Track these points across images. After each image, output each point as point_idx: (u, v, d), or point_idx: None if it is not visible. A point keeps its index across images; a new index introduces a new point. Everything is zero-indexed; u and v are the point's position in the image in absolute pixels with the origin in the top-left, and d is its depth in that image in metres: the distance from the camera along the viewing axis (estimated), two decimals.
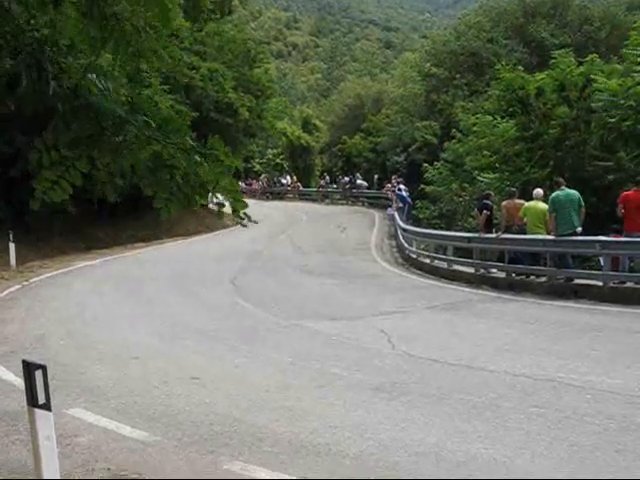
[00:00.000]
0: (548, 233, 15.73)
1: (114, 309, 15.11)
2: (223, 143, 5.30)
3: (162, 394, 8.24)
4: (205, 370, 9.38)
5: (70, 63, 4.92)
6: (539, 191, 16.71)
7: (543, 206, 16.18)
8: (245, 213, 5.58)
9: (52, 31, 4.67)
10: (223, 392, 8.24)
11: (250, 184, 62.66)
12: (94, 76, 4.85)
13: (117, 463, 6.14)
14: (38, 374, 4.68)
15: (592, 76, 22.20)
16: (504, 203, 17.65)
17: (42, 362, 4.76)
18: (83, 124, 4.99)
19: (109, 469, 6.01)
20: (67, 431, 6.83)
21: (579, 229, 15.04)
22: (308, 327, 12.32)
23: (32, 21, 4.72)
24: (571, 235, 14.98)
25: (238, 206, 5.35)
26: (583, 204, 15.20)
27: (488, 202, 18.56)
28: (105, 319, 13.93)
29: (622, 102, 20.70)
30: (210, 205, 41.68)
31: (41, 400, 4.72)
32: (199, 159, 5.13)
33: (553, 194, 15.37)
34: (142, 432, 6.90)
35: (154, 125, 5.02)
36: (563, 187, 15.33)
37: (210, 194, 5.61)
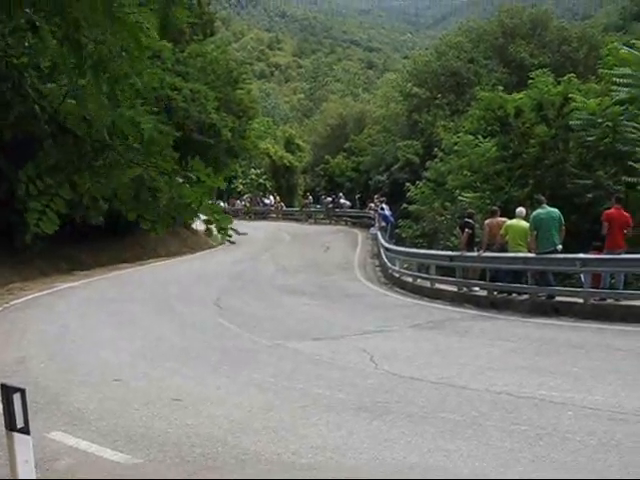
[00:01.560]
0: (529, 251, 15.82)
1: (96, 331, 15.01)
2: (204, 164, 5.31)
3: (144, 416, 8.20)
4: (187, 391, 9.34)
5: (50, 88, 4.93)
6: (522, 209, 16.82)
7: (525, 224, 16.28)
8: (232, 228, 5.59)
9: (32, 57, 4.68)
10: (205, 413, 8.21)
11: (233, 204, 62.62)
12: (73, 101, 4.85)
13: None
14: (16, 397, 4.65)
15: (570, 95, 22.41)
16: (486, 221, 17.74)
17: (22, 385, 4.73)
18: (63, 149, 4.99)
19: None
20: (47, 455, 6.78)
21: (559, 247, 15.14)
22: (291, 347, 12.31)
23: (8, 50, 4.73)
24: (552, 253, 15.07)
25: (223, 224, 5.35)
26: (564, 222, 15.32)
27: (470, 221, 18.68)
28: (87, 341, 13.83)
29: (600, 121, 20.91)
30: (194, 226, 41.75)
31: (19, 424, 4.68)
32: (181, 181, 5.14)
33: (534, 212, 15.48)
34: (123, 455, 6.86)
35: (135, 147, 5.03)
36: (544, 205, 15.43)
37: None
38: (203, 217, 5.86)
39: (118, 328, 15.32)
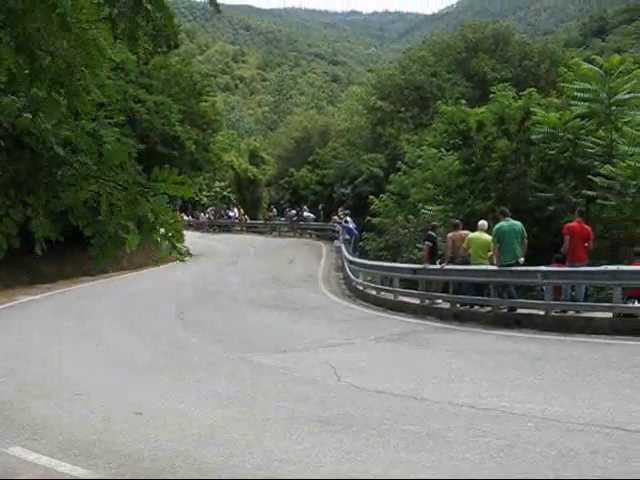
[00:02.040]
0: (491, 263, 15.97)
1: (57, 345, 14.83)
2: (173, 172, 5.23)
3: (104, 430, 8.12)
4: (149, 405, 9.27)
5: (6, 102, 4.87)
6: (484, 222, 16.98)
7: (487, 237, 16.45)
8: (183, 247, 5.57)
9: None
10: (167, 427, 8.14)
11: (197, 217, 62.42)
12: (29, 115, 4.80)
13: None
14: None
15: (532, 109, 22.69)
16: (449, 234, 17.87)
17: None
18: (18, 165, 4.93)
19: None
20: (6, 470, 6.70)
21: (521, 259, 15.29)
22: (254, 360, 12.28)
23: None
24: (514, 265, 15.21)
25: (176, 240, 5.32)
26: (526, 235, 15.48)
27: (432, 233, 18.82)
28: (47, 355, 13.66)
29: (561, 135, 21.20)
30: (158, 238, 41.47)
31: None
32: (139, 197, 5.07)
33: (497, 225, 15.62)
34: (83, 470, 6.78)
35: (92, 162, 4.97)
36: (508, 218, 15.58)
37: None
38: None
39: (80, 342, 15.17)
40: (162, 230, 5.52)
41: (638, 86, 20.40)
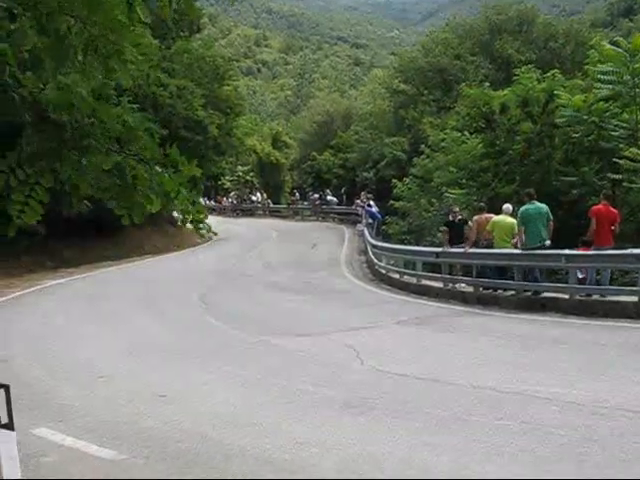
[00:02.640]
0: (515, 247, 15.88)
1: (81, 328, 14.96)
2: (180, 149, 5.30)
3: (129, 412, 8.20)
4: (172, 388, 9.33)
5: (29, 77, 4.90)
6: (508, 206, 16.86)
7: (511, 220, 16.35)
8: (206, 223, 5.61)
9: (10, 46, 4.63)
10: (191, 409, 8.20)
11: (220, 201, 62.53)
12: (54, 90, 4.83)
13: None
14: (0, 393, 4.63)
15: (555, 92, 22.47)
16: (474, 218, 17.76)
17: (6, 382, 4.71)
18: (44, 137, 4.96)
19: None
20: (32, 451, 6.75)
21: (547, 242, 15.18)
22: (276, 344, 12.31)
23: None
24: (539, 248, 15.11)
25: (198, 216, 5.35)
26: (552, 217, 15.36)
27: (450, 218, 18.81)
28: (72, 338, 13.79)
29: (585, 117, 20.99)
30: (180, 223, 41.60)
31: (3, 420, 4.66)
32: (160, 170, 5.12)
33: (522, 207, 15.48)
34: (109, 451, 6.85)
35: (114, 137, 5.02)
36: (534, 200, 15.45)
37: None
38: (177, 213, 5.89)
39: (104, 325, 15.28)
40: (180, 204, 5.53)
41: None
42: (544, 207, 15.38)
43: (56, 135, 5.00)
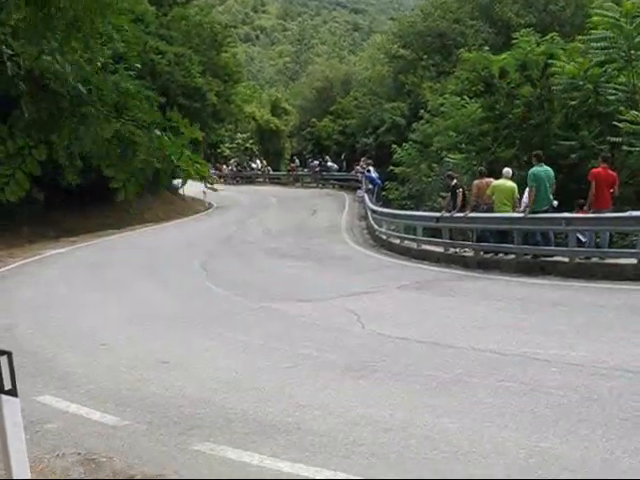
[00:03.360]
0: (514, 210, 15.91)
1: (83, 297, 15.03)
2: (180, 115, 5.28)
3: (132, 379, 8.27)
4: (174, 354, 9.40)
5: (23, 46, 4.87)
6: (508, 170, 16.82)
7: (511, 184, 16.36)
8: (212, 176, 5.64)
9: (3, 15, 4.61)
10: (193, 375, 8.27)
11: (220, 169, 62.42)
12: (49, 58, 4.80)
13: (87, 448, 6.16)
14: (3, 360, 4.66)
15: (550, 61, 22.33)
16: (475, 182, 17.71)
17: (9, 350, 4.75)
18: (40, 106, 4.94)
19: (79, 454, 6.02)
20: (36, 418, 6.82)
21: (555, 203, 15.25)
22: (278, 309, 12.38)
23: None
24: (548, 211, 15.13)
25: (203, 172, 5.36)
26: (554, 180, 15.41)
27: (449, 182, 18.79)
28: (74, 307, 13.87)
29: (581, 83, 20.88)
30: (181, 191, 41.62)
31: (7, 386, 4.70)
32: (160, 133, 5.11)
33: (533, 169, 15.36)
34: (112, 417, 6.92)
35: (111, 103, 4.99)
36: (542, 163, 15.42)
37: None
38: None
39: (105, 293, 15.34)
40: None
41: None
42: (550, 170, 15.39)
43: (54, 104, 4.97)
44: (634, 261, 13.50)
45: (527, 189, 15.57)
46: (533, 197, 15.24)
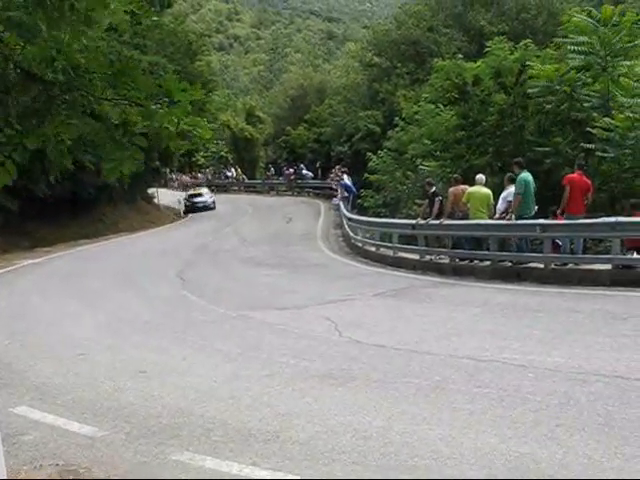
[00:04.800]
0: (491, 217, 16.01)
1: (59, 306, 14.94)
2: (177, 79, 5.27)
3: (109, 389, 8.22)
4: (152, 363, 9.36)
5: (10, 35, 4.84)
6: (481, 176, 16.94)
7: (486, 191, 16.47)
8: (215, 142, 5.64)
9: None
10: (171, 384, 8.23)
11: (195, 177, 62.30)
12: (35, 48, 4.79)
13: (65, 459, 6.12)
14: None
15: (528, 63, 22.53)
16: (451, 189, 17.75)
17: None
18: (32, 95, 4.92)
19: (57, 465, 5.98)
20: (13, 429, 6.78)
21: (536, 208, 15.38)
22: (255, 318, 12.36)
23: None
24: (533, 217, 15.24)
25: (205, 135, 5.35)
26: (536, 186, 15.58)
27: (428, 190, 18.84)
28: (50, 317, 13.77)
29: (557, 88, 21.07)
30: (155, 200, 41.45)
31: None
32: (154, 108, 5.08)
33: (523, 175, 15.30)
34: (90, 427, 6.88)
35: (102, 83, 4.98)
36: (524, 169, 15.51)
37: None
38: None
39: (81, 303, 15.26)
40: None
41: (632, 37, 20.27)
42: (531, 176, 15.53)
43: (44, 92, 4.95)
44: (609, 267, 13.62)
45: (511, 195, 15.61)
46: (519, 203, 15.32)
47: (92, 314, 13.77)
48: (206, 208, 43.31)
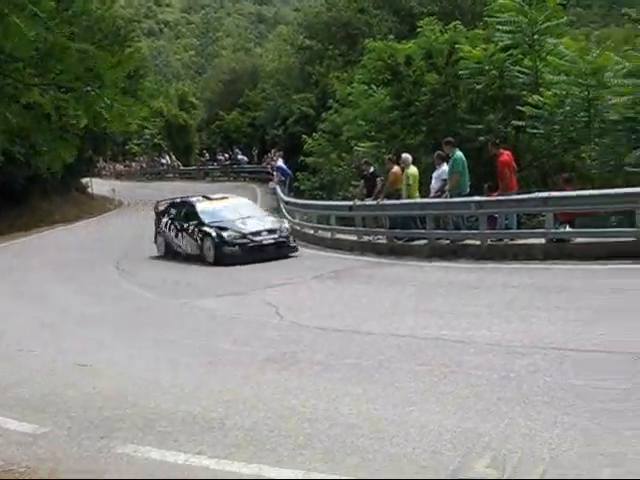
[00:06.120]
0: (423, 196, 16.19)
1: None
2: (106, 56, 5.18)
3: (50, 384, 8.08)
4: (92, 356, 9.22)
5: None
6: (407, 156, 17.09)
7: (415, 170, 16.66)
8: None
9: None
10: (112, 377, 8.13)
11: (129, 166, 61.46)
12: None
13: (5, 458, 5.96)
14: None
15: (457, 45, 22.73)
16: (394, 169, 17.74)
17: None
18: None
19: None
20: None
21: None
22: (195, 305, 12.30)
23: None
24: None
25: (141, 112, 5.27)
26: None
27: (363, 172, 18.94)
28: None
29: (487, 68, 21.33)
30: (89, 190, 40.80)
31: None
32: (85, 90, 4.99)
33: (458, 154, 15.46)
34: (31, 425, 6.73)
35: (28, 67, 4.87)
36: (456, 148, 15.61)
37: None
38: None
39: (17, 298, 14.97)
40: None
41: (555, 15, 20.65)
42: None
43: None
44: (542, 241, 13.87)
45: (445, 173, 15.72)
46: (457, 181, 15.43)
47: (29, 309, 13.53)
48: None
